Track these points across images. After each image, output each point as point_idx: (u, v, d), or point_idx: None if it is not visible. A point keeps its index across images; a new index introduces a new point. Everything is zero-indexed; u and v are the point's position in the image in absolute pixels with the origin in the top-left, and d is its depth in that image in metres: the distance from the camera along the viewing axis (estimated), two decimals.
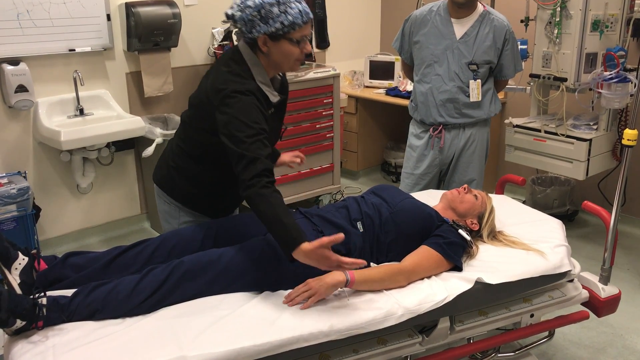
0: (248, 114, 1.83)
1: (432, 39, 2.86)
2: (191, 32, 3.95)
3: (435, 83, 2.88)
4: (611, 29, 3.11)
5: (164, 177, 2.19)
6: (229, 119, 1.83)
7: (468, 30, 2.80)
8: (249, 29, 1.86)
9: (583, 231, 3.86)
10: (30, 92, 3.29)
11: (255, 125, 1.82)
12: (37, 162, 3.53)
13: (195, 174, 2.10)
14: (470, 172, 2.99)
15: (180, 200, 2.16)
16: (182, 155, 2.11)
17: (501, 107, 2.99)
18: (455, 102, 2.86)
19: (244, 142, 1.79)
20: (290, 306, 1.76)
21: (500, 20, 2.81)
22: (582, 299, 2.23)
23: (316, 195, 4.14)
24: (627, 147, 2.37)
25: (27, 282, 1.78)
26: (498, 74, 2.91)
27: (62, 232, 3.73)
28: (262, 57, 1.94)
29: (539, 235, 2.24)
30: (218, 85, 1.88)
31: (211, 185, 2.13)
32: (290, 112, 3.76)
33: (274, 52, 1.90)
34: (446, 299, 1.84)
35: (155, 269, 1.81)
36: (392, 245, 2.05)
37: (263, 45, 1.89)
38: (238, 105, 1.83)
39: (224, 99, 1.85)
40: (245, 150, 1.78)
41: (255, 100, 1.87)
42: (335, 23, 4.81)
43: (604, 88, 3.04)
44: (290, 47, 1.89)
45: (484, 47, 2.79)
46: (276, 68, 1.99)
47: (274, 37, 1.86)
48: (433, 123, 2.95)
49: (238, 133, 1.80)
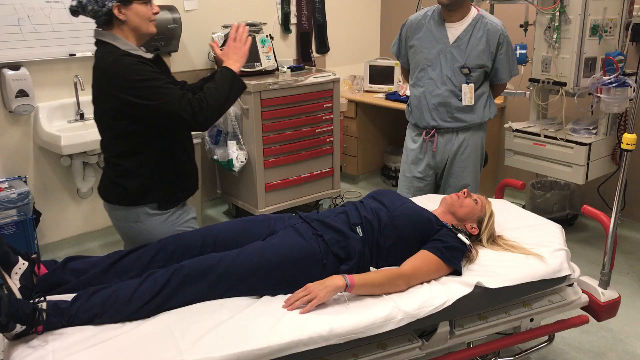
0: (136, 71, 1.96)
1: (426, 43, 2.87)
2: (191, 37, 3.96)
3: (428, 87, 2.89)
4: (610, 34, 3.11)
5: (120, 192, 2.13)
6: (130, 84, 1.95)
7: (461, 34, 2.80)
8: (102, 4, 1.97)
9: (583, 235, 3.86)
10: (31, 96, 3.30)
11: (150, 75, 1.97)
12: (38, 167, 3.54)
13: (143, 163, 2.09)
14: (465, 178, 2.98)
15: (148, 199, 2.13)
16: (120, 159, 2.10)
17: (497, 112, 2.99)
18: (448, 105, 2.86)
19: (156, 94, 1.94)
20: (289, 310, 1.76)
21: (494, 24, 2.80)
22: (581, 303, 2.23)
23: (316, 199, 4.14)
24: (627, 151, 2.37)
25: (27, 286, 1.79)
26: (494, 78, 2.91)
27: (62, 236, 3.73)
28: (120, 29, 2.04)
29: (539, 239, 2.24)
30: (108, 73, 1.98)
31: (162, 162, 2.13)
32: (290, 117, 3.78)
33: (130, 16, 2.03)
34: (446, 303, 1.84)
35: (155, 274, 1.81)
36: (392, 249, 2.05)
37: (119, 14, 2.00)
38: (127, 70, 1.95)
39: (116, 77, 1.96)
40: (164, 102, 1.93)
41: (134, 59, 1.99)
42: (335, 28, 4.83)
43: (603, 92, 3.04)
44: (142, 7, 2.05)
45: (477, 51, 2.79)
46: (136, 33, 2.07)
47: (126, 2, 2.00)
48: (426, 127, 2.96)
49: (146, 91, 1.94)
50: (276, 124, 3.74)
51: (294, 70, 4.04)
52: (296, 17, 4.57)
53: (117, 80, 1.96)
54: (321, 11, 4.73)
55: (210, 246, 2.01)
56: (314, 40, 4.75)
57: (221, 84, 2.04)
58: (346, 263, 1.96)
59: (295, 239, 1.96)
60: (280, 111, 3.73)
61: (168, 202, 2.18)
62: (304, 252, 1.92)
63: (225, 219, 4.32)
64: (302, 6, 4.57)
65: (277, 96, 3.68)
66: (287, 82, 3.75)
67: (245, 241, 1.99)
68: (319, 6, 4.70)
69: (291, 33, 4.58)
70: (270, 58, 3.93)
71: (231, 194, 4.15)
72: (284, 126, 3.78)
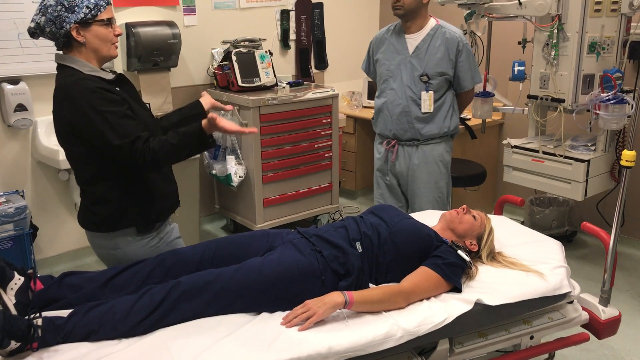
0: (95, 98, 1.88)
1: (388, 55, 3.01)
2: (191, 52, 3.98)
3: (390, 97, 3.00)
4: (608, 51, 3.13)
5: (96, 219, 2.08)
6: (86, 110, 1.87)
7: (419, 44, 2.92)
8: (60, 26, 1.90)
9: (582, 252, 3.85)
10: (30, 111, 3.30)
11: (108, 107, 1.88)
12: (35, 181, 3.53)
13: (112, 188, 2.02)
14: (427, 194, 3.06)
15: (123, 224, 2.05)
16: (90, 186, 2.04)
17: (458, 125, 3.06)
18: (408, 115, 2.96)
19: (109, 128, 1.86)
20: (288, 328, 1.74)
21: (452, 32, 2.91)
22: (582, 320, 2.21)
23: (314, 214, 4.14)
24: (626, 168, 2.37)
25: (22, 302, 1.77)
26: (457, 87, 3.00)
27: (59, 251, 3.71)
28: (79, 51, 1.97)
29: (538, 256, 2.23)
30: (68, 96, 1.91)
31: (131, 185, 2.04)
32: (289, 132, 3.79)
33: (89, 38, 1.95)
34: (445, 320, 1.83)
35: (153, 289, 1.80)
36: (391, 265, 2.04)
37: (78, 36, 1.93)
38: (87, 95, 1.88)
39: (74, 100, 1.89)
40: (115, 143, 1.86)
41: (95, 84, 1.91)
42: (334, 44, 4.85)
43: (601, 109, 3.05)
44: (102, 29, 1.96)
45: (435, 59, 2.89)
46: (96, 55, 2.00)
47: (85, 24, 1.92)
48: (387, 136, 3.08)
49: (100, 123, 1.86)
50: (275, 139, 3.74)
51: (293, 85, 4.06)
52: (295, 33, 4.59)
53: (74, 104, 1.89)
54: (320, 27, 4.76)
55: (208, 262, 1.99)
56: (312, 56, 4.77)
57: (185, 144, 1.90)
58: (345, 279, 1.95)
59: (294, 255, 1.95)
60: (279, 126, 3.73)
61: (145, 225, 2.09)
62: (303, 269, 1.91)
63: (224, 234, 4.30)
64: (301, 23, 4.60)
65: (276, 111, 3.69)
66: (286, 97, 3.76)
67: (243, 257, 1.98)
68: (317, 23, 4.73)
69: (290, 49, 4.61)
70: (269, 74, 3.95)
71: (229, 209, 4.14)
72: (282, 141, 3.78)
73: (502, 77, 3.68)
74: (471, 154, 4.17)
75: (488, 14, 3.31)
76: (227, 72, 3.86)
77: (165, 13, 3.85)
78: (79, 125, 1.90)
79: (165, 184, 2.15)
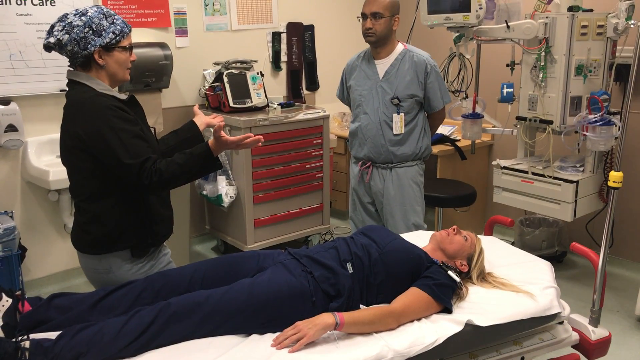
0: (108, 116, 1.90)
1: (360, 81, 3.11)
2: (182, 73, 4.00)
3: (364, 121, 3.09)
4: (594, 74, 3.18)
5: (91, 239, 2.05)
6: (98, 127, 1.89)
7: (388, 68, 3.02)
8: (84, 47, 1.92)
9: (572, 272, 3.86)
10: (20, 131, 3.29)
11: (121, 125, 1.90)
12: (25, 202, 3.51)
13: (113, 207, 2.01)
14: (400, 214, 3.11)
15: (118, 246, 2.04)
16: (90, 204, 2.02)
17: (430, 146, 3.14)
18: (381, 138, 3.04)
19: (120, 147, 1.88)
20: (278, 349, 1.73)
21: (420, 55, 3.01)
22: (572, 341, 2.22)
23: (305, 235, 4.13)
24: (613, 189, 2.39)
25: (10, 324, 1.75)
26: (428, 108, 3.09)
27: (48, 272, 3.67)
28: (96, 72, 2.00)
29: (528, 276, 2.23)
30: (81, 111, 1.93)
31: (132, 206, 2.03)
32: (280, 152, 3.80)
33: (110, 62, 1.99)
34: (436, 341, 1.82)
35: (142, 311, 1.78)
36: (382, 286, 2.04)
37: (99, 59, 1.96)
38: (100, 112, 1.90)
39: (87, 116, 1.91)
40: (125, 162, 1.87)
41: (109, 101, 1.94)
42: (325, 65, 4.89)
43: (589, 131, 3.09)
44: (122, 55, 2.01)
45: (405, 82, 2.98)
46: (111, 79, 2.04)
47: (108, 48, 1.97)
48: (362, 158, 3.17)
49: (111, 140, 1.88)
50: (266, 160, 3.75)
51: (284, 106, 4.08)
52: (287, 55, 4.63)
53: (88, 120, 1.90)
54: (311, 49, 4.80)
55: (198, 283, 1.98)
56: (304, 77, 4.81)
57: (191, 164, 1.94)
58: (336, 300, 1.95)
59: (285, 276, 1.95)
60: (270, 147, 3.74)
61: (140, 249, 2.08)
62: (293, 290, 1.90)
63: (214, 254, 4.28)
64: (292, 44, 4.64)
65: (267, 132, 3.70)
66: (278, 118, 3.78)
67: (233, 278, 1.97)
68: (309, 44, 4.78)
69: (282, 70, 4.64)
70: (260, 95, 3.97)
71: (220, 229, 4.13)
72: (273, 162, 3.79)
73: (491, 99, 3.72)
74: (461, 175, 4.20)
75: (477, 37, 3.36)
76: (219, 93, 3.88)
77: (158, 34, 3.88)
78: (91, 141, 1.91)
79: (163, 208, 2.16)
